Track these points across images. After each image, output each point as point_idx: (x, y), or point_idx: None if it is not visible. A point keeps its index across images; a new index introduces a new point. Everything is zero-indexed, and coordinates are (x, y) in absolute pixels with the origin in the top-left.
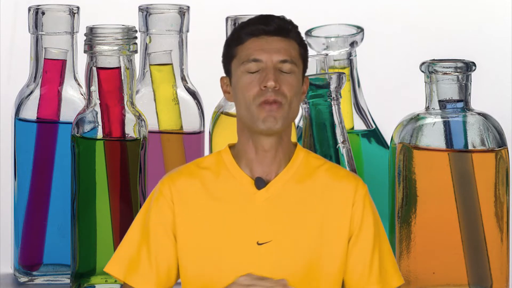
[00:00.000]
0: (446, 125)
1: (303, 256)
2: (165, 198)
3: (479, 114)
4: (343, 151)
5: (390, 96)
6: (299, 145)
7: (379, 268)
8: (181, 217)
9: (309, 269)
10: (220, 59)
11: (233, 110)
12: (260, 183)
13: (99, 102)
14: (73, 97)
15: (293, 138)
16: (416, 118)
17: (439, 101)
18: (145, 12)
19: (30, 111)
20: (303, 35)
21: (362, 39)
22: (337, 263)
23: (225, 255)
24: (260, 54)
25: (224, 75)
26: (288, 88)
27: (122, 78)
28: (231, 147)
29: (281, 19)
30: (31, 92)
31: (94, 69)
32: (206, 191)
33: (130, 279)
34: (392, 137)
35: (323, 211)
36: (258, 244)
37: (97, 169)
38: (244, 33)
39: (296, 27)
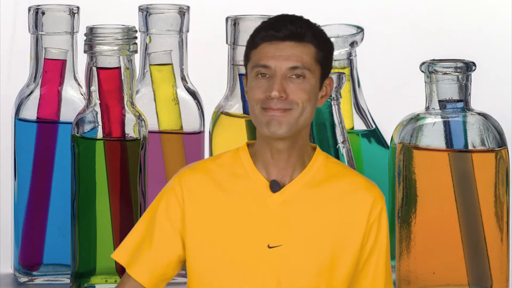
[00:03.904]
0: (446, 125)
1: (313, 263)
2: (176, 195)
3: (479, 114)
4: (343, 151)
5: (390, 96)
6: (319, 149)
7: (385, 280)
8: (190, 214)
9: (319, 276)
10: (220, 59)
11: (233, 110)
12: (275, 186)
13: (99, 102)
14: (73, 97)
15: None
16: (416, 118)
17: (439, 101)
18: (145, 12)
19: (30, 111)
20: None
21: (362, 39)
22: (345, 272)
23: (234, 255)
24: (269, 60)
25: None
26: (299, 95)
27: (122, 78)
28: (250, 145)
29: (295, 21)
30: (31, 92)
31: (94, 69)
32: (219, 189)
33: (130, 267)
34: (392, 137)
35: (337, 220)
36: (269, 247)
37: (97, 169)
38: (257, 38)
39: (313, 28)
